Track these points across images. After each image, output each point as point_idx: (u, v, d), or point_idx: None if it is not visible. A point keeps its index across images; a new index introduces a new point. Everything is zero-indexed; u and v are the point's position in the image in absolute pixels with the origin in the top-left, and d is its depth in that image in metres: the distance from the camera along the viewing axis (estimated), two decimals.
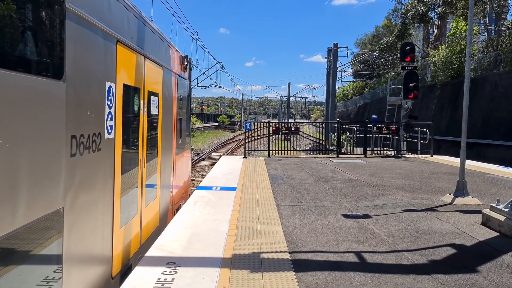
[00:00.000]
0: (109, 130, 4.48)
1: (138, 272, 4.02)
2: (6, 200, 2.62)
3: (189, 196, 8.63)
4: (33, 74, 3.04)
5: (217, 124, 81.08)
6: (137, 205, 5.75)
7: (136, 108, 5.66)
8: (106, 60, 4.42)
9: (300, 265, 4.30)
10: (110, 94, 4.51)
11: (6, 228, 2.59)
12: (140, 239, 5.90)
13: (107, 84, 4.42)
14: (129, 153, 5.32)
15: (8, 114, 2.65)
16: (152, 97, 6.49)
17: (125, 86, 5.01)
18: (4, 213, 2.60)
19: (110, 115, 4.49)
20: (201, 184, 9.22)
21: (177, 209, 8.43)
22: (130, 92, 5.33)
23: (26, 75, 2.90)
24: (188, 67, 10.45)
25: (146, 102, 6.07)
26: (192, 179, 14.33)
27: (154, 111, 6.62)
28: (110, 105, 4.51)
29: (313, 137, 42.80)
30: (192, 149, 18.08)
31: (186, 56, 9.83)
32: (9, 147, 2.66)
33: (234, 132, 71.26)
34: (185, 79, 9.94)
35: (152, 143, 6.57)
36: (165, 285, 3.71)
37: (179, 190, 9.38)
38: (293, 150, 18.67)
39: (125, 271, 5.02)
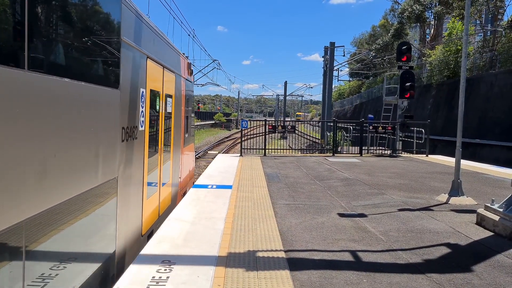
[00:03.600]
0: (142, 124, 5.94)
1: (132, 270, 4.00)
2: (88, 168, 4.05)
3: (192, 184, 9.58)
4: (104, 85, 4.45)
5: (213, 122, 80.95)
6: (157, 184, 7.22)
7: (157, 107, 7.07)
8: (141, 72, 5.91)
9: (295, 264, 4.30)
10: (143, 97, 5.96)
11: (89, 186, 4.05)
12: (158, 211, 7.35)
13: (141, 90, 5.87)
14: (153, 142, 6.74)
15: (90, 112, 4.05)
16: (168, 99, 7.94)
17: (151, 91, 6.44)
18: (87, 176, 4.03)
19: (142, 113, 5.94)
20: (197, 182, 9.20)
21: (184, 194, 9.46)
22: (154, 95, 6.74)
23: (100, 87, 4.34)
24: (192, 71, 12.05)
25: (164, 102, 7.50)
26: None
27: (169, 109, 8.06)
28: (143, 105, 5.96)
29: (309, 136, 42.83)
30: None
31: (187, 56, 10.94)
32: (90, 134, 4.06)
33: (230, 130, 71.16)
34: (190, 82, 11.55)
35: (167, 136, 8.01)
36: (159, 283, 3.70)
37: (185, 177, 10.80)
38: (289, 149, 18.68)
39: (149, 234, 6.43)
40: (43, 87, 3.20)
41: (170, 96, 8.17)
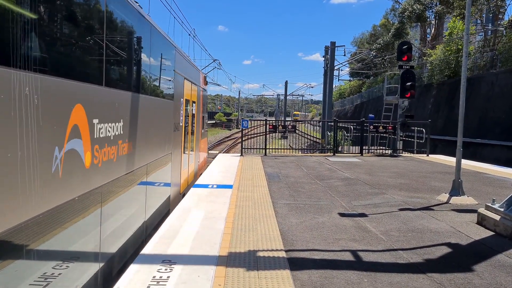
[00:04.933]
0: (181, 122, 9.47)
1: (133, 270, 4.00)
2: (164, 144, 7.80)
3: (206, 168, 12.20)
4: (169, 99, 8.13)
5: (214, 122, 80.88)
6: (187, 162, 10.77)
7: (188, 110, 10.59)
8: (181, 88, 9.49)
9: (296, 264, 4.30)
10: (181, 104, 9.47)
11: (159, 155, 7.38)
12: (187, 180, 11.02)
13: (181, 99, 9.44)
14: (186, 133, 10.26)
15: (162, 114, 7.60)
16: (193, 104, 11.65)
17: (186, 100, 10.08)
18: (165, 148, 7.86)
19: (181, 114, 9.43)
20: (198, 182, 9.20)
21: (200, 174, 11.55)
22: (187, 102, 10.38)
23: (168, 100, 8.06)
24: (207, 82, 16.86)
25: (191, 107, 11.17)
26: None
27: (193, 111, 11.73)
28: (181, 109, 9.46)
29: (310, 135, 42.82)
30: None
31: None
32: (166, 127, 7.91)
33: (231, 130, 71.16)
34: (205, 90, 15.84)
35: (192, 129, 11.65)
36: (160, 283, 3.70)
37: (201, 163, 14.34)
38: (289, 149, 18.66)
39: (183, 195, 9.11)
40: (150, 103, 6.59)
41: (194, 102, 11.86)
